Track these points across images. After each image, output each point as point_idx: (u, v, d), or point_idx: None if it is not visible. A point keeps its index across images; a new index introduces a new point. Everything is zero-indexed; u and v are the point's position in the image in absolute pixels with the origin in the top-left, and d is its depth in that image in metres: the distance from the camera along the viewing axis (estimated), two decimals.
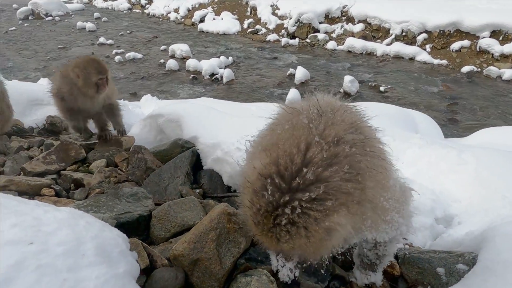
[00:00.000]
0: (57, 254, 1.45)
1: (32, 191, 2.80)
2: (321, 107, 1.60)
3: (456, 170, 3.79)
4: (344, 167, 1.35)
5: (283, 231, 1.30)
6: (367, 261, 2.05)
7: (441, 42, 16.61)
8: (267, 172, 1.34)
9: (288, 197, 1.29)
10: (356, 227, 1.47)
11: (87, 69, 3.07)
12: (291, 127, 1.50)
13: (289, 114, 1.69)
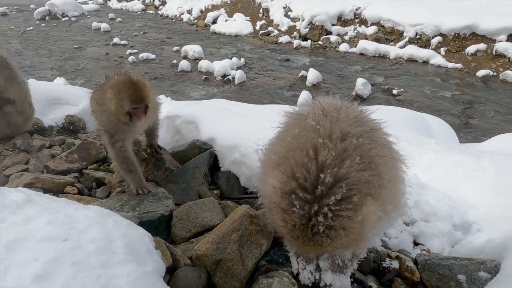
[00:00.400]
0: (90, 251, 1.51)
1: (56, 189, 2.89)
2: (324, 108, 1.67)
3: (474, 176, 3.75)
4: (356, 159, 1.42)
5: (323, 237, 1.39)
6: (340, 261, 2.02)
7: (456, 45, 16.38)
8: (289, 189, 1.42)
9: (317, 206, 1.36)
10: (383, 210, 1.53)
11: (120, 94, 2.51)
12: (299, 131, 1.57)
13: (296, 119, 1.75)
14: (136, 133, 3.01)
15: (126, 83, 2.54)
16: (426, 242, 3.00)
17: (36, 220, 1.58)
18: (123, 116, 2.56)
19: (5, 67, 4.29)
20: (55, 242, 1.48)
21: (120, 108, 2.52)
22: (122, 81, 2.55)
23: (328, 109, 1.68)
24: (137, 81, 2.58)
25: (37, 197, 1.86)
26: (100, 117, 2.81)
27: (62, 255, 1.43)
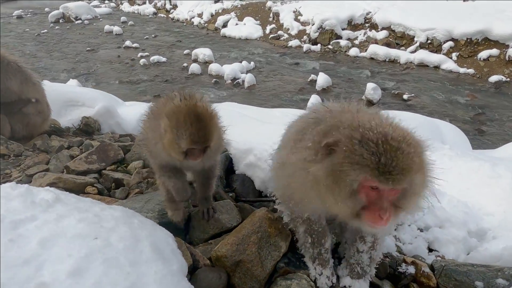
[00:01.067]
0: (119, 250, 1.57)
1: (77, 189, 2.97)
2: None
3: (489, 183, 3.74)
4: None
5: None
6: (359, 269, 2.07)
7: (468, 50, 16.24)
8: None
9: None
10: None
11: (179, 129, 1.95)
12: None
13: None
14: (187, 170, 2.47)
15: (189, 116, 1.96)
16: (440, 248, 3.00)
17: (68, 218, 1.65)
18: (177, 153, 2.03)
19: (18, 70, 4.38)
20: (86, 239, 1.54)
21: (176, 146, 1.99)
22: (184, 112, 1.97)
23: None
24: (203, 113, 2.00)
25: (65, 196, 1.93)
26: (151, 146, 2.28)
27: (94, 252, 1.49)
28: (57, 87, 6.71)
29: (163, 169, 2.25)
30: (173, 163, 2.19)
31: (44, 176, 3.02)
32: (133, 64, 18.00)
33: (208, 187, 2.50)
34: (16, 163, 3.70)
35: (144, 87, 15.49)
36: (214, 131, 2.06)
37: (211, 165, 2.42)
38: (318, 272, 2.02)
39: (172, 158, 2.09)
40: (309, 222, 2.01)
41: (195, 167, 2.30)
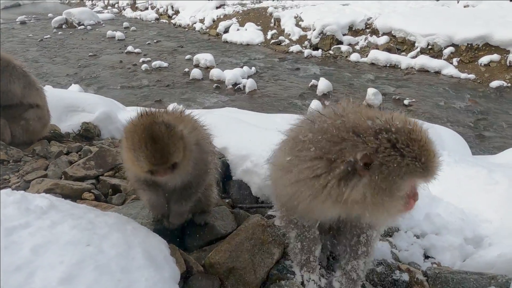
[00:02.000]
0: (111, 256, 1.58)
1: (74, 195, 2.99)
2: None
3: (486, 190, 3.74)
4: None
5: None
6: (355, 275, 2.07)
7: (469, 56, 16.27)
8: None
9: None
10: None
11: (135, 151, 1.84)
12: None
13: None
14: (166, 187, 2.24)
15: (144, 137, 1.82)
16: (436, 255, 3.00)
17: (61, 225, 1.67)
18: (141, 172, 1.96)
19: (23, 74, 4.42)
20: (79, 246, 1.56)
21: (137, 166, 1.90)
22: (139, 132, 1.84)
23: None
24: (159, 133, 1.84)
25: (60, 203, 1.95)
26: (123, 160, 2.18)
27: (86, 259, 1.50)
28: (57, 92, 6.76)
29: (137, 182, 2.17)
30: (146, 178, 2.08)
31: (42, 182, 3.04)
32: (135, 69, 18.12)
33: (184, 201, 2.26)
34: (15, 168, 3.73)
35: (146, 92, 15.58)
36: (176, 149, 1.89)
37: (191, 180, 2.21)
38: (306, 278, 2.04)
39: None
40: (302, 229, 2.02)
41: (169, 182, 2.14)
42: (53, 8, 30.65)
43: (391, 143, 1.50)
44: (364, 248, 2.06)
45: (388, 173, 1.48)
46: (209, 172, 2.36)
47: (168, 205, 2.27)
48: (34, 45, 22.49)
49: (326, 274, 2.26)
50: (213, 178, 2.53)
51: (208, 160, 2.32)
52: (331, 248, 2.52)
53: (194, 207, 2.45)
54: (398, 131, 1.52)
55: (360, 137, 1.54)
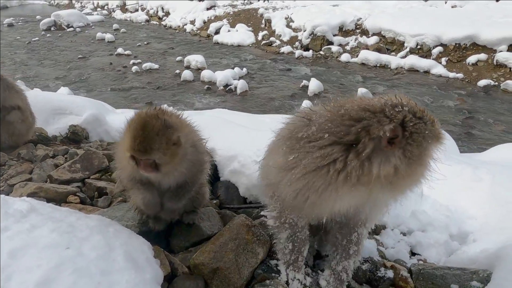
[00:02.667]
0: (91, 259, 1.57)
1: (59, 198, 2.95)
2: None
3: (471, 187, 3.79)
4: None
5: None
6: (345, 276, 2.09)
7: (457, 55, 16.50)
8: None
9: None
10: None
11: (126, 134, 1.96)
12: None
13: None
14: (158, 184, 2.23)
15: (137, 124, 1.91)
16: (423, 252, 3.03)
17: (40, 228, 1.65)
18: (130, 163, 2.00)
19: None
20: (58, 249, 1.54)
21: (124, 153, 1.99)
22: (136, 119, 1.95)
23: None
24: (151, 125, 1.90)
25: (41, 206, 1.93)
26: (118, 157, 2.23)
27: (64, 262, 1.49)
28: (44, 95, 6.69)
29: (132, 181, 2.18)
30: (140, 176, 2.10)
31: (25, 186, 3.01)
32: (125, 72, 18.00)
33: (178, 199, 2.25)
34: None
35: (136, 94, 15.48)
36: (159, 147, 1.90)
37: (186, 180, 2.21)
38: (291, 277, 2.05)
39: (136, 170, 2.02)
40: (295, 229, 2.02)
41: (163, 182, 2.16)
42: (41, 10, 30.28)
43: (412, 113, 1.60)
44: (355, 247, 2.08)
45: (418, 141, 1.58)
46: (204, 171, 2.40)
47: (161, 202, 2.27)
48: (22, 47, 22.20)
49: (312, 273, 2.28)
50: (206, 177, 2.55)
51: (204, 160, 2.36)
52: (318, 248, 2.54)
53: (188, 205, 2.46)
54: (409, 104, 1.64)
55: (382, 113, 1.59)
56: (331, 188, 1.64)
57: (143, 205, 2.20)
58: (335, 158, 1.61)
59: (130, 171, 2.12)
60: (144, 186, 2.15)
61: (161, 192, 2.21)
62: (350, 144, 1.60)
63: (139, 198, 2.18)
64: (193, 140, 2.22)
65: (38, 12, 30.18)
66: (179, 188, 2.21)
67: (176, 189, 2.21)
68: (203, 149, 2.34)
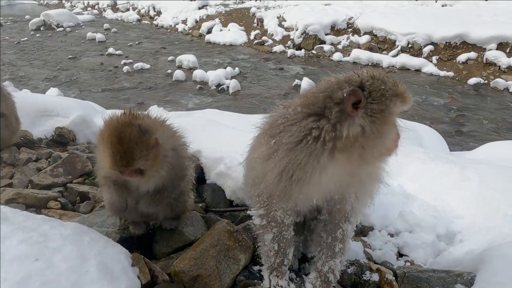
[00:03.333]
0: (62, 271, 1.51)
1: (39, 204, 2.88)
2: None
3: (459, 186, 3.79)
4: None
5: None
6: (332, 277, 2.07)
7: (448, 54, 16.63)
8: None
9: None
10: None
11: (102, 149, 1.87)
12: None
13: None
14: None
15: (111, 136, 1.81)
16: (410, 253, 3.01)
17: (9, 239, 1.58)
18: (112, 170, 1.93)
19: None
20: (26, 261, 1.48)
21: (104, 164, 1.91)
22: (109, 131, 1.84)
23: None
24: (127, 135, 1.82)
25: (13, 215, 1.86)
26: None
27: (32, 275, 1.43)
28: (30, 96, 6.57)
29: (105, 178, 2.12)
30: (116, 176, 2.03)
31: (3, 191, 2.92)
32: (116, 72, 17.82)
33: (154, 204, 2.17)
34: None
35: (128, 94, 15.33)
36: (142, 155, 1.85)
37: (165, 184, 2.15)
38: (274, 284, 2.00)
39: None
40: (281, 228, 1.98)
41: (141, 187, 2.09)
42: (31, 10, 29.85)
43: (371, 76, 1.71)
44: (340, 245, 2.05)
45: (378, 98, 1.66)
46: (185, 178, 2.32)
47: (137, 206, 2.19)
48: (11, 47, 21.86)
49: (296, 278, 2.24)
50: (189, 184, 2.46)
51: (185, 166, 2.29)
52: (303, 250, 2.50)
53: (167, 211, 2.37)
54: (370, 71, 1.77)
55: (343, 81, 1.72)
56: (312, 159, 1.72)
57: (107, 205, 2.14)
58: (310, 128, 1.71)
59: (106, 171, 2.06)
60: (116, 187, 2.09)
61: (137, 195, 2.15)
62: (322, 113, 1.71)
63: (105, 196, 2.12)
64: (174, 144, 2.17)
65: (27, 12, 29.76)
66: (156, 193, 2.13)
67: (154, 193, 2.13)
68: (184, 154, 2.29)
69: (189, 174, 2.37)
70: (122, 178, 2.01)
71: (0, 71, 5.27)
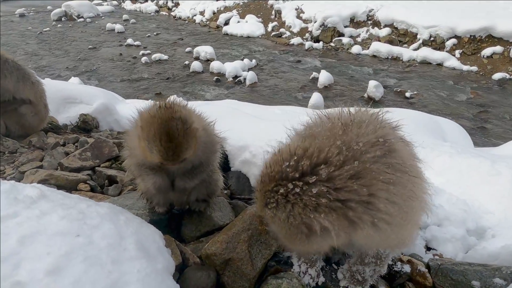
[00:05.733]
0: (102, 247, 1.53)
1: (69, 186, 2.93)
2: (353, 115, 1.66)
3: (489, 181, 3.68)
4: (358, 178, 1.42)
5: (274, 198, 1.43)
6: (360, 277, 1.99)
7: (472, 47, 16.10)
8: (295, 152, 1.46)
9: (298, 175, 1.41)
10: (346, 235, 1.48)
11: (149, 143, 1.89)
12: (329, 128, 1.56)
13: (328, 119, 1.73)
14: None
15: (160, 131, 1.87)
16: (438, 247, 2.94)
17: (50, 215, 1.61)
18: (154, 162, 2.01)
19: (16, 68, 4.27)
20: (68, 237, 1.50)
21: (148, 157, 1.96)
22: (156, 125, 1.87)
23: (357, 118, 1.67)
24: (175, 129, 1.88)
25: (51, 193, 1.89)
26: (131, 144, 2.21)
27: (74, 250, 1.45)
28: (55, 84, 6.68)
29: (140, 168, 2.17)
30: (150, 162, 2.08)
31: (36, 172, 2.99)
32: (134, 62, 18.01)
33: (189, 179, 2.22)
34: (10, 160, 3.67)
35: (146, 85, 15.49)
36: (188, 146, 1.94)
37: (198, 164, 2.22)
38: (303, 270, 1.98)
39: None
40: None
41: (179, 169, 2.15)
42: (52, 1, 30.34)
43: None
44: (372, 259, 1.94)
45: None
46: (216, 153, 2.38)
47: (173, 183, 2.24)
48: (34, 38, 22.35)
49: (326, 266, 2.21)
50: (218, 161, 2.50)
51: (215, 141, 2.36)
52: None
53: (201, 190, 2.42)
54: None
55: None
56: None
57: (155, 189, 2.16)
58: None
59: (139, 158, 2.10)
60: (153, 171, 2.13)
61: (173, 173, 2.19)
62: None
63: (150, 183, 2.14)
64: (202, 124, 2.22)
65: (49, 3, 30.28)
66: (193, 168, 2.20)
67: (190, 169, 2.19)
68: (212, 130, 2.36)
69: (219, 149, 2.42)
70: (152, 162, 2.04)
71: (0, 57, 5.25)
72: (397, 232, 1.58)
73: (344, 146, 1.47)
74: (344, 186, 1.40)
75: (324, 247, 1.54)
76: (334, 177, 1.40)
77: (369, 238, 1.52)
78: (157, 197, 2.34)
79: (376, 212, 1.45)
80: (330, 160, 1.42)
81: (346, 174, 1.41)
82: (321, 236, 1.43)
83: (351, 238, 1.52)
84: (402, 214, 1.52)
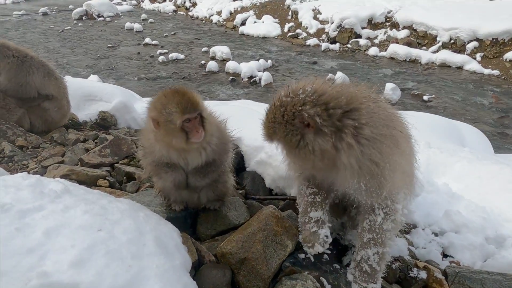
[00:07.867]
0: (122, 242, 1.57)
1: (89, 181, 3.02)
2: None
3: (509, 188, 3.59)
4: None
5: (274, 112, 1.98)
6: (367, 267, 1.99)
7: (494, 51, 15.66)
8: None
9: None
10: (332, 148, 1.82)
11: (166, 108, 1.97)
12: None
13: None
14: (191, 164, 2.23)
15: (169, 94, 2.04)
16: (456, 254, 2.89)
17: (74, 209, 1.66)
18: (177, 137, 2.02)
19: (41, 64, 4.45)
20: (91, 231, 1.55)
21: (171, 126, 1.99)
22: (165, 93, 2.06)
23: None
24: (181, 89, 2.11)
25: (74, 188, 1.96)
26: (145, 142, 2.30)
27: (97, 244, 1.50)
28: (76, 81, 6.86)
29: (158, 166, 2.21)
30: (170, 158, 2.16)
31: (58, 168, 3.09)
32: (152, 61, 18.26)
33: (202, 177, 2.26)
34: (34, 154, 3.80)
35: (162, 83, 15.68)
36: (200, 100, 2.14)
37: (211, 160, 2.26)
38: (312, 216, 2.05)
39: (170, 152, 2.12)
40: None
41: (192, 161, 2.20)
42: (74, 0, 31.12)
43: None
44: (369, 235, 1.98)
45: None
46: (228, 152, 2.45)
47: (187, 181, 2.32)
48: (55, 36, 22.94)
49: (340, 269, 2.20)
50: (229, 164, 2.54)
51: (227, 139, 2.44)
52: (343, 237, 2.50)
53: (209, 193, 2.46)
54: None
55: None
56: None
57: (174, 186, 2.24)
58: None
59: (157, 155, 2.17)
60: (171, 167, 2.19)
61: (186, 172, 2.27)
62: None
63: (168, 180, 2.21)
64: (215, 121, 2.33)
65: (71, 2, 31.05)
66: (205, 166, 2.26)
67: (203, 166, 2.25)
68: (224, 128, 2.46)
69: (230, 148, 2.48)
70: (170, 158, 2.14)
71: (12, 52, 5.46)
72: (381, 174, 1.84)
73: (342, 89, 1.92)
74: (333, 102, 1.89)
75: (317, 154, 1.81)
76: (326, 100, 1.88)
77: (353, 170, 1.81)
78: (174, 194, 2.39)
79: (360, 131, 1.81)
80: (327, 92, 1.90)
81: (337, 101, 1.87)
82: (314, 134, 1.81)
83: (336, 159, 1.81)
84: (384, 153, 1.82)
